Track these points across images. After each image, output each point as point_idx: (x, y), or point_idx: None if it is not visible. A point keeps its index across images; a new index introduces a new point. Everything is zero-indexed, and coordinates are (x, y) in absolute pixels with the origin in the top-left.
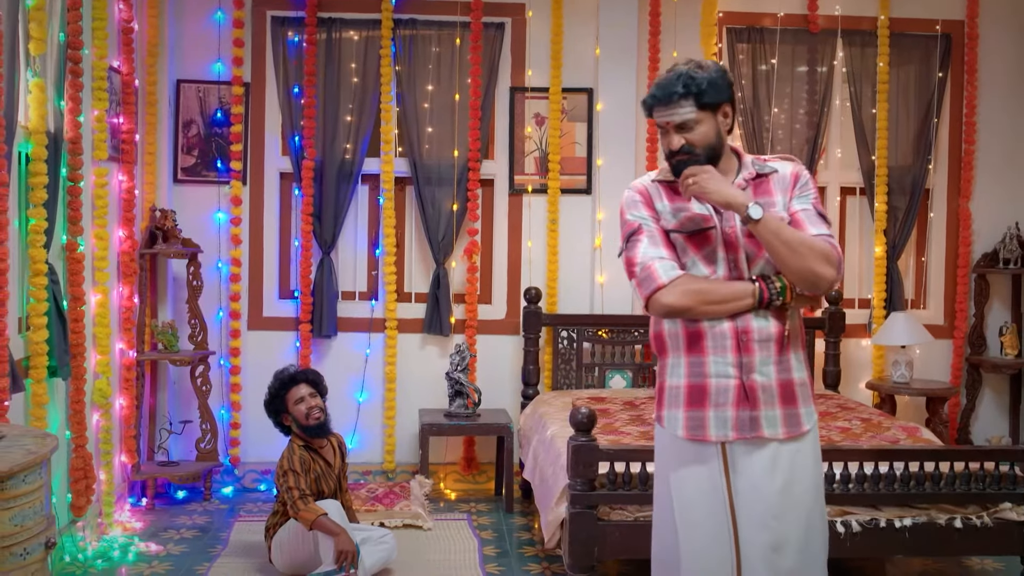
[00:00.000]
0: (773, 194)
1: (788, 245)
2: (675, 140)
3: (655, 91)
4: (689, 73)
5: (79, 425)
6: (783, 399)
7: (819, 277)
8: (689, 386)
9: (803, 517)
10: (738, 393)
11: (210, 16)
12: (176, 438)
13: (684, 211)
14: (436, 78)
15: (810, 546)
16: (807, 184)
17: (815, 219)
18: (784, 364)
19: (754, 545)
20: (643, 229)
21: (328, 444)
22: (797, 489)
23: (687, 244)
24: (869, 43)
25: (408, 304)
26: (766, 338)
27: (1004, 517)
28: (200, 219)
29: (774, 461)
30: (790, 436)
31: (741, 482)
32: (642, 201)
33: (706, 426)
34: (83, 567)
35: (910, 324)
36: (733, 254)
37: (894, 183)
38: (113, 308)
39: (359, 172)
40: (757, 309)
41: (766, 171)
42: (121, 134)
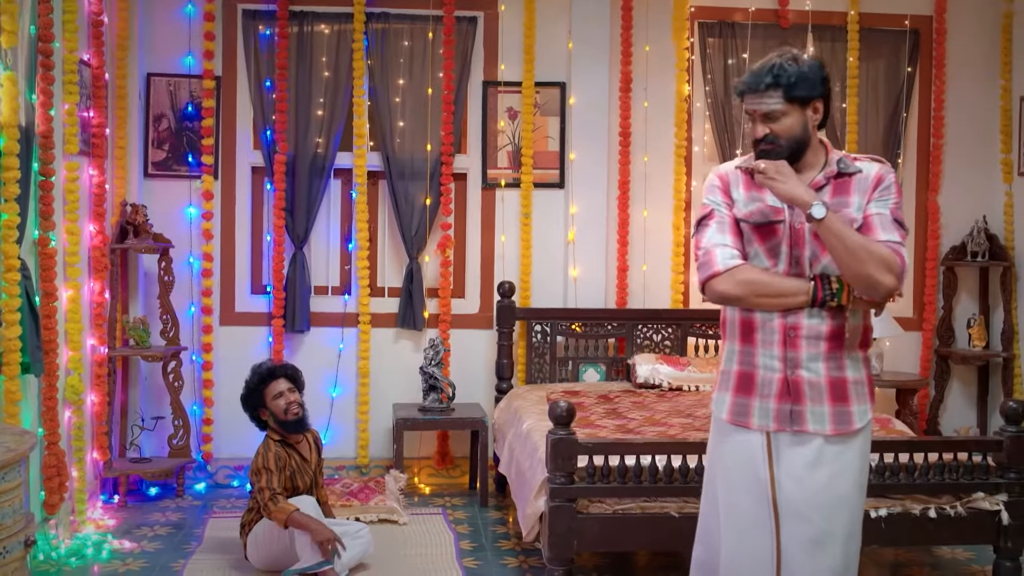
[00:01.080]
0: (851, 194)
1: (849, 248)
2: (759, 129)
3: (747, 78)
4: (782, 64)
5: (52, 422)
6: (833, 396)
7: (877, 283)
8: (739, 373)
9: (847, 514)
10: (782, 387)
11: (180, 9)
12: (149, 434)
13: (758, 201)
14: (408, 72)
15: (851, 545)
16: (889, 188)
17: (888, 224)
18: (837, 362)
19: (794, 537)
20: (714, 214)
21: (304, 439)
22: (841, 486)
23: (753, 234)
24: (839, 38)
25: (381, 299)
26: (816, 336)
27: (977, 507)
28: (171, 214)
29: (819, 456)
30: (838, 433)
31: (784, 474)
32: (720, 187)
33: (750, 414)
34: (56, 565)
35: (882, 317)
36: (797, 250)
37: None
38: (85, 304)
39: (331, 166)
40: (811, 307)
41: (850, 171)
42: (91, 128)
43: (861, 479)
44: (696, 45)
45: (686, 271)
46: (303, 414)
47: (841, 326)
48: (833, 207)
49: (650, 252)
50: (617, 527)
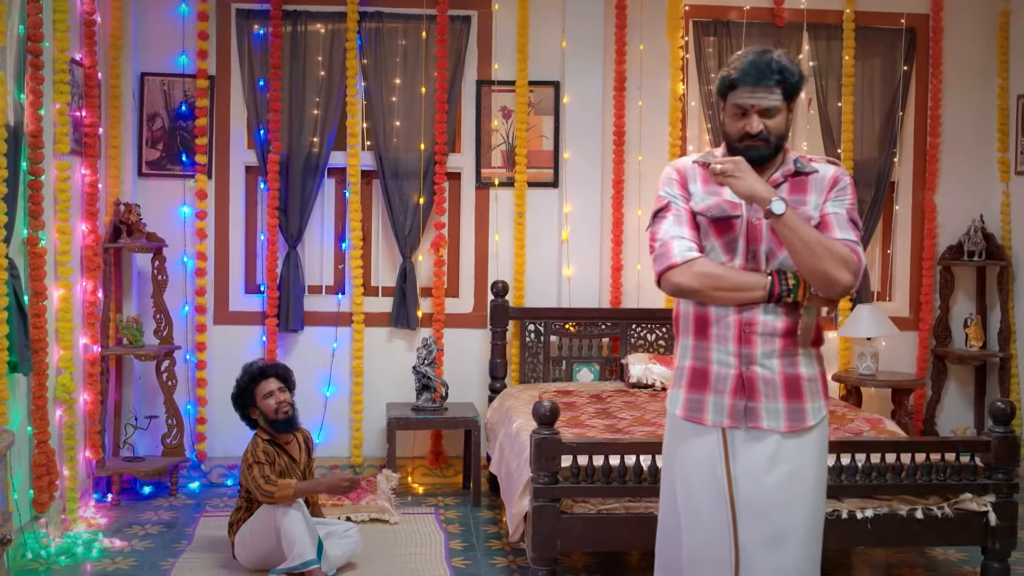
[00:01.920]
0: (808, 193)
1: (806, 244)
2: (756, 123)
3: (749, 70)
4: (783, 62)
5: (41, 421)
6: (788, 393)
7: (834, 280)
8: (693, 368)
9: (805, 512)
10: (736, 383)
11: (174, 9)
12: (142, 433)
13: (715, 196)
14: (402, 71)
15: (811, 542)
16: (845, 189)
17: (844, 224)
18: (791, 359)
19: (752, 537)
20: (671, 207)
21: (294, 440)
22: (800, 483)
23: (710, 229)
24: (834, 36)
25: (375, 298)
26: (771, 332)
27: (965, 508)
28: (165, 213)
29: (775, 454)
30: (792, 430)
31: (741, 473)
32: (677, 180)
33: (704, 410)
34: (46, 564)
35: (876, 316)
36: (754, 246)
37: (859, 176)
38: (77, 303)
39: (325, 166)
40: (767, 303)
41: (807, 170)
42: (84, 127)
43: (819, 476)
44: (691, 44)
45: None
46: (292, 413)
47: (795, 322)
48: (791, 204)
49: (644, 251)
50: (601, 527)
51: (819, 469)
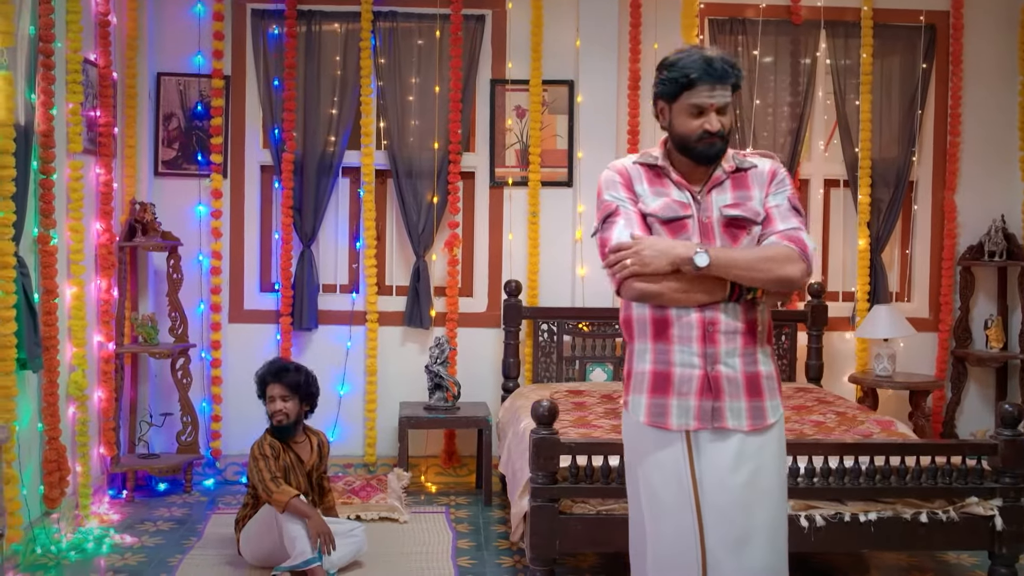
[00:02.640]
0: (751, 188)
1: (748, 269)
2: (716, 122)
3: (707, 69)
4: (732, 60)
5: (52, 417)
6: (749, 391)
7: (789, 279)
8: (654, 373)
9: (769, 511)
10: (702, 383)
11: (190, 9)
12: (158, 431)
13: (664, 196)
14: (417, 71)
15: (777, 540)
16: (783, 181)
17: (786, 214)
18: (751, 357)
19: (719, 538)
20: (620, 211)
21: (306, 441)
22: (763, 483)
23: (663, 230)
24: (852, 34)
25: (389, 297)
26: (733, 330)
27: (971, 512)
28: (181, 212)
29: (739, 454)
30: (754, 428)
31: (706, 474)
32: (621, 182)
33: (668, 414)
34: (56, 559)
35: (893, 317)
36: (708, 243)
37: (878, 175)
38: (90, 301)
39: (339, 165)
40: (727, 302)
41: (746, 166)
42: (98, 127)
43: (780, 474)
44: (706, 42)
45: None
46: (287, 423)
47: (754, 320)
48: (737, 199)
49: None
50: (601, 528)
51: (780, 467)
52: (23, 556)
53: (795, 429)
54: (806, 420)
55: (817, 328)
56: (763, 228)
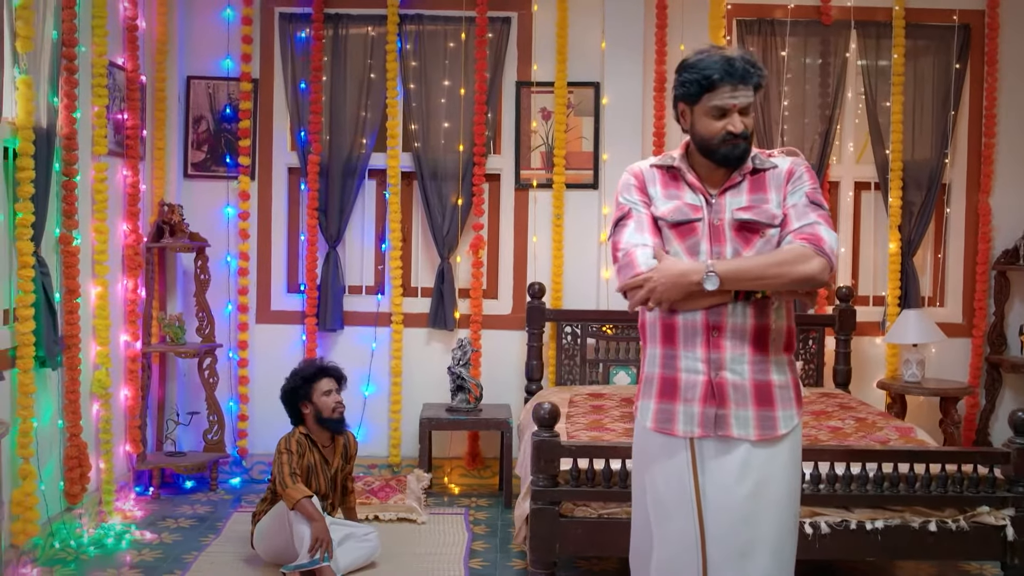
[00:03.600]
0: (768, 190)
1: (761, 277)
2: (739, 123)
3: (730, 70)
4: (753, 59)
5: (73, 415)
6: (758, 400)
7: (806, 277)
8: (662, 378)
9: (774, 523)
10: (706, 390)
11: (219, 13)
12: (186, 429)
13: (675, 199)
14: (442, 73)
15: (782, 553)
16: (801, 177)
17: (803, 211)
18: (762, 364)
19: (721, 548)
20: (632, 214)
21: (333, 444)
22: (770, 495)
23: (672, 233)
24: (884, 34)
25: (415, 298)
26: (739, 335)
27: (981, 521)
28: (210, 213)
29: (745, 464)
30: (763, 439)
31: (709, 483)
32: (636, 185)
33: (675, 420)
34: (75, 554)
35: (922, 322)
36: (718, 247)
37: (909, 178)
38: (116, 301)
39: (366, 167)
40: (735, 302)
41: (765, 167)
42: (126, 130)
43: (791, 486)
44: (735, 43)
45: None
46: (343, 415)
47: (765, 325)
48: (751, 202)
49: None
50: (602, 531)
51: (791, 480)
52: (42, 550)
53: (810, 435)
54: (823, 426)
55: (845, 333)
56: (781, 230)
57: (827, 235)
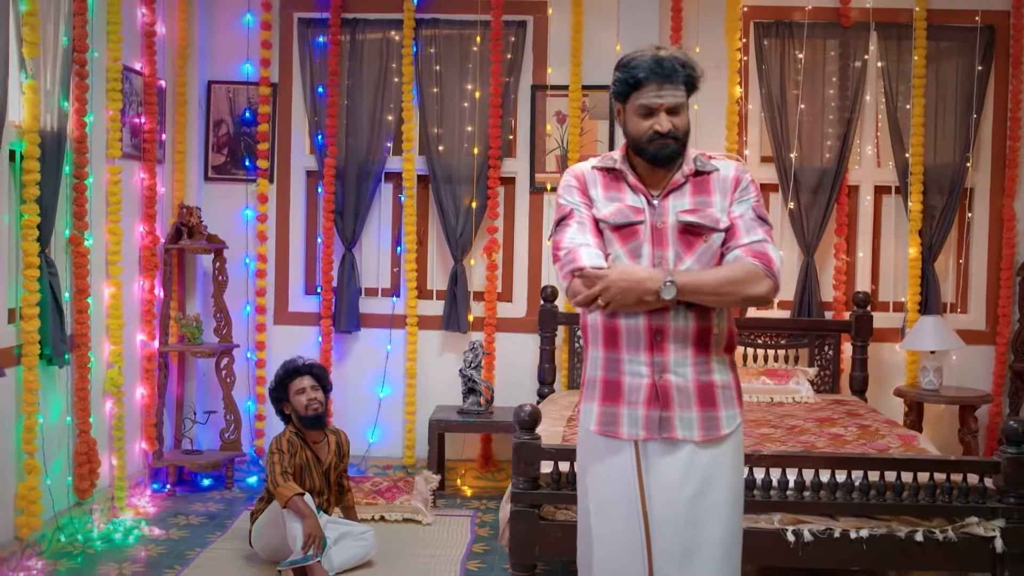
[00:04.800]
0: (712, 193)
1: (715, 292)
2: (666, 122)
3: (656, 68)
4: (684, 58)
5: (83, 412)
6: (701, 401)
7: (755, 298)
8: (605, 381)
9: (719, 524)
10: (650, 392)
11: (240, 19)
12: (205, 428)
13: (617, 201)
14: (458, 77)
15: (727, 554)
16: (747, 188)
17: (751, 225)
18: (704, 366)
19: (666, 550)
20: (574, 214)
21: (325, 441)
22: (713, 496)
23: (613, 235)
24: (904, 36)
25: (430, 301)
26: (682, 338)
27: (970, 532)
28: (229, 216)
29: (690, 466)
30: (707, 439)
31: (654, 485)
32: (577, 187)
33: (619, 423)
34: (82, 548)
35: (939, 329)
36: (660, 250)
37: (931, 182)
38: (131, 300)
39: (382, 170)
40: (676, 306)
41: (707, 169)
42: (143, 133)
43: (735, 486)
44: (751, 46)
45: None
46: (321, 412)
47: (707, 327)
48: (695, 205)
49: None
50: None
51: (734, 480)
52: (48, 544)
53: (807, 442)
54: (824, 432)
55: (862, 339)
56: (727, 240)
57: (775, 255)
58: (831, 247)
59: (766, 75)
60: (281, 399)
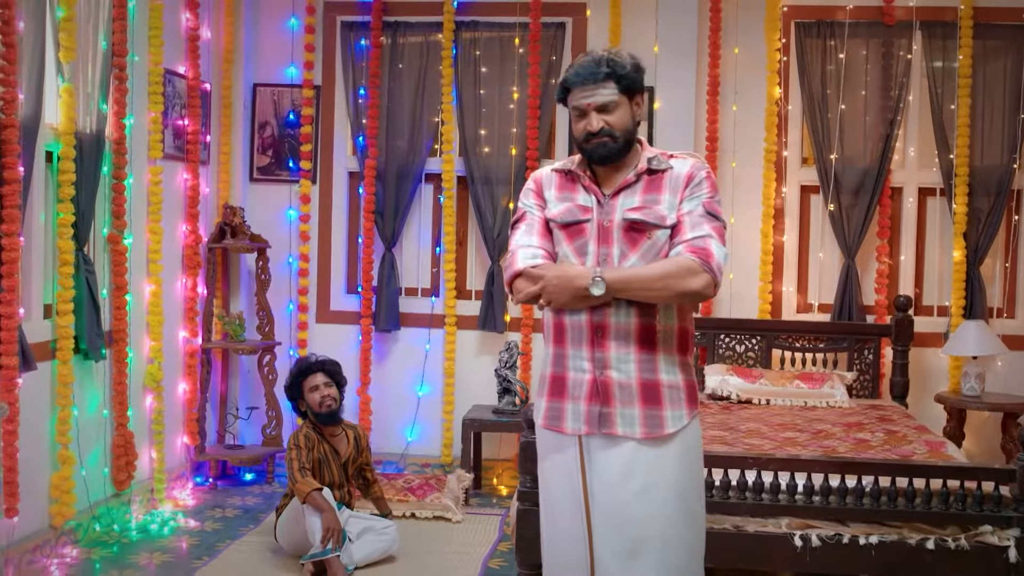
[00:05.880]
0: (662, 191)
1: (645, 288)
2: (595, 121)
3: (577, 70)
4: (611, 57)
5: (121, 406)
6: (644, 399)
7: (691, 295)
8: (553, 376)
9: (663, 523)
10: (591, 388)
11: (284, 23)
12: (249, 423)
13: (567, 201)
14: (497, 78)
15: (670, 555)
16: (700, 184)
17: (697, 221)
18: (649, 363)
19: (608, 547)
20: (525, 217)
21: (343, 434)
22: (656, 494)
23: (562, 234)
24: (949, 35)
25: (469, 301)
26: (624, 335)
27: (984, 541)
28: (273, 216)
29: (631, 463)
30: (649, 437)
31: (596, 481)
32: (534, 189)
33: (563, 417)
34: (117, 537)
35: (982, 334)
36: (605, 248)
37: (976, 184)
38: (175, 298)
39: (422, 171)
40: (617, 303)
41: (662, 167)
42: (187, 135)
43: (681, 486)
44: (792, 46)
45: (776, 280)
46: (335, 407)
47: (651, 325)
48: (643, 203)
49: (738, 260)
50: None
51: (680, 479)
52: (83, 533)
53: (829, 446)
54: (849, 438)
55: (902, 343)
56: (672, 237)
57: (717, 250)
58: (873, 250)
59: (807, 75)
60: (296, 397)
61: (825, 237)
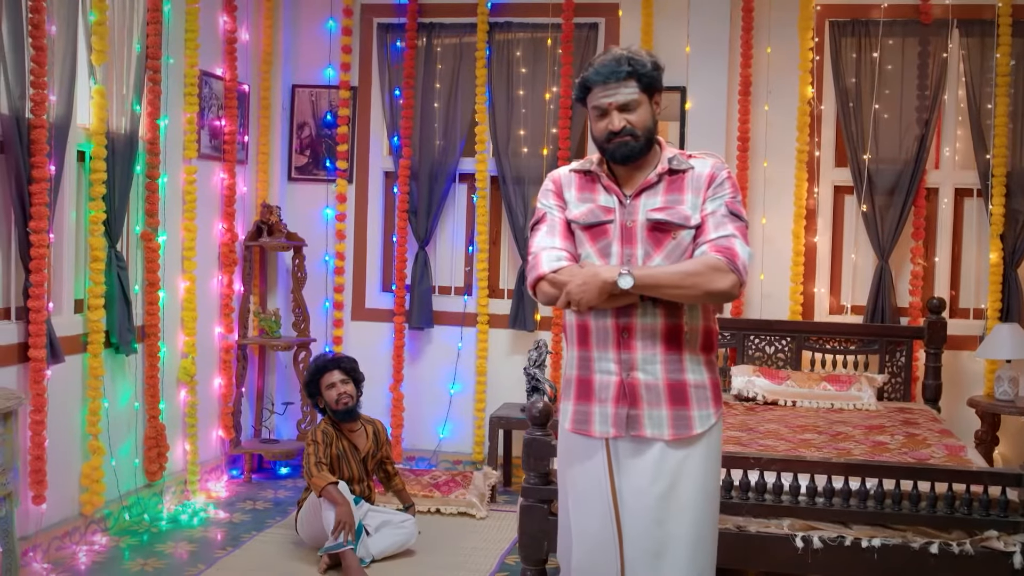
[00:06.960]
0: (685, 191)
1: (673, 286)
2: (617, 120)
3: (598, 69)
4: (631, 55)
5: (153, 399)
6: (672, 400)
7: (718, 294)
8: (579, 379)
9: (690, 524)
10: (618, 390)
11: (322, 25)
12: (285, 418)
13: (589, 202)
14: (530, 79)
15: (698, 556)
16: (722, 184)
17: (721, 221)
18: (676, 364)
19: (637, 548)
20: (546, 217)
21: (361, 429)
22: (684, 495)
23: (584, 236)
24: (987, 33)
25: (501, 300)
26: (650, 335)
27: (989, 546)
28: (311, 215)
29: (659, 464)
30: (677, 438)
31: (625, 483)
32: (553, 190)
33: (591, 421)
34: (147, 526)
35: (1016, 337)
36: (629, 249)
37: (1015, 184)
38: (211, 295)
39: (455, 171)
40: (643, 303)
41: (683, 167)
42: (224, 135)
43: (707, 486)
44: (826, 46)
45: (808, 281)
46: (352, 404)
47: (677, 325)
48: (666, 203)
49: (769, 261)
50: None
51: (706, 479)
52: (113, 521)
53: (844, 448)
54: (867, 440)
55: (935, 346)
56: (697, 237)
57: (742, 250)
58: (907, 251)
59: (841, 75)
60: (314, 394)
61: (859, 238)
